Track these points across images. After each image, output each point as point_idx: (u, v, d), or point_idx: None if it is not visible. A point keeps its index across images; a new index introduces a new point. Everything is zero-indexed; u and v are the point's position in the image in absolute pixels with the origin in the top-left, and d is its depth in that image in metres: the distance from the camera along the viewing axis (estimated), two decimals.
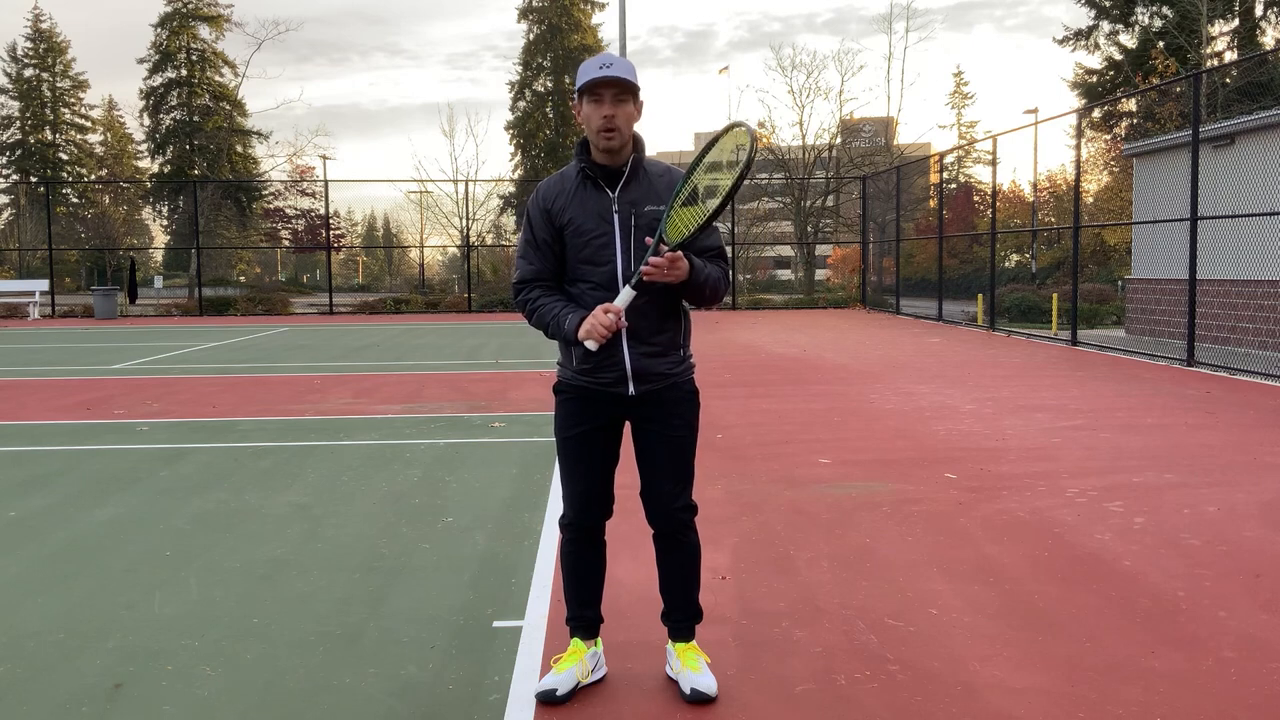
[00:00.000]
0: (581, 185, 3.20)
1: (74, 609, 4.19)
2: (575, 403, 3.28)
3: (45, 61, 57.28)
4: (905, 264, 27.33)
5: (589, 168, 3.19)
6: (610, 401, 3.25)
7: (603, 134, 3.10)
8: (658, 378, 3.24)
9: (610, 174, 3.19)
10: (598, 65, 3.10)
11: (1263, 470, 6.59)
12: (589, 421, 3.27)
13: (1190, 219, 12.75)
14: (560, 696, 3.24)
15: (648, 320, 3.20)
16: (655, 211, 3.17)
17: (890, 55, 60.06)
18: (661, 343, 3.24)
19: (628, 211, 3.17)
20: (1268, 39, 35.23)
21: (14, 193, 55.89)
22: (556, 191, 3.23)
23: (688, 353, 3.36)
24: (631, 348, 3.19)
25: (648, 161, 3.25)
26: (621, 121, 3.10)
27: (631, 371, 3.20)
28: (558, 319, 3.16)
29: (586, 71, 3.11)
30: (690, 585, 3.40)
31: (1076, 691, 3.31)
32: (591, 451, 3.28)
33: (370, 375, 12.65)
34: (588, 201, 3.18)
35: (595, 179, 3.19)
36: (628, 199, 3.18)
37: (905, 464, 6.85)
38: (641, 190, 3.20)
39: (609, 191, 3.19)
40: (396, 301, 30.00)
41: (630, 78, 3.08)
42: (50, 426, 8.88)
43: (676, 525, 3.33)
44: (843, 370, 12.53)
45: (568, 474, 3.32)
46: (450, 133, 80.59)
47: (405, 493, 6.17)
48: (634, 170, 3.20)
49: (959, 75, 66.44)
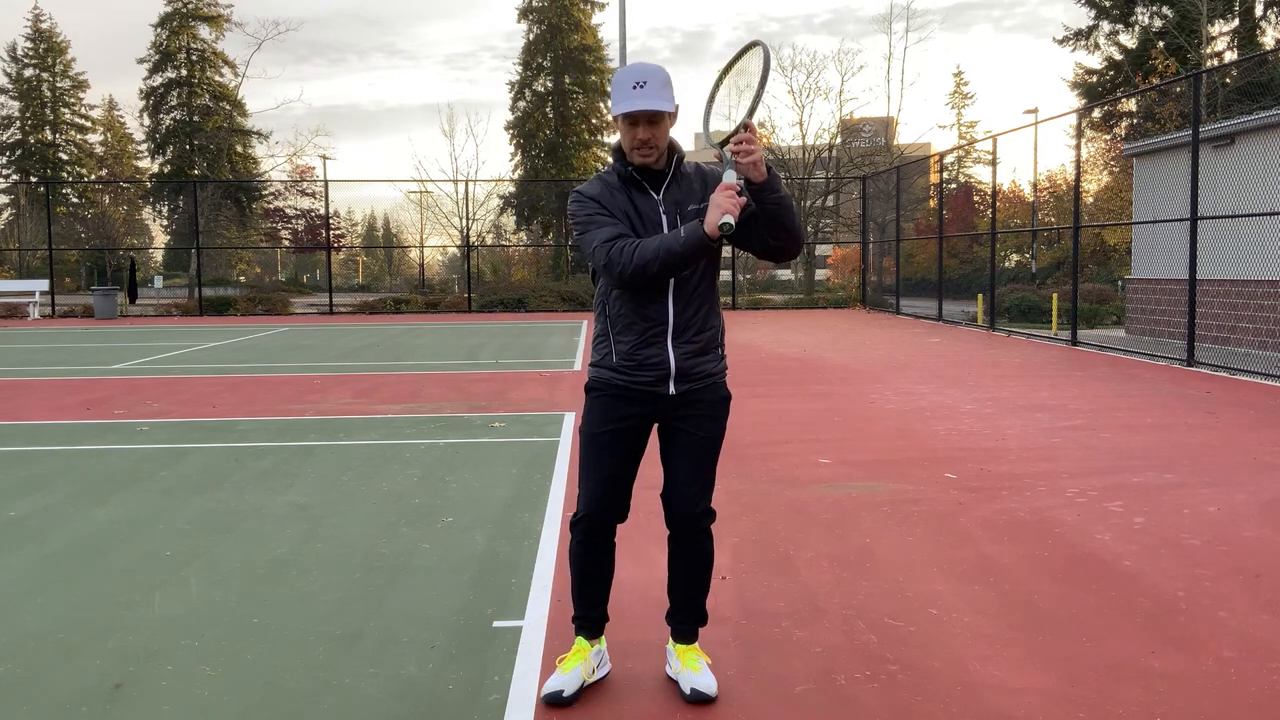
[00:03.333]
0: (627, 186, 3.19)
1: (74, 609, 4.19)
2: (609, 400, 3.25)
3: (45, 61, 57.26)
4: (905, 264, 27.33)
5: (635, 170, 3.17)
6: (647, 401, 3.23)
7: (638, 152, 3.11)
8: (699, 376, 3.23)
9: (653, 175, 3.18)
10: (631, 84, 3.03)
11: (1263, 470, 6.59)
12: (621, 420, 3.24)
13: (1190, 219, 12.75)
14: (567, 698, 3.23)
15: (694, 317, 3.20)
16: (698, 210, 3.16)
17: (890, 55, 60.17)
18: (704, 341, 3.24)
19: (674, 212, 3.18)
20: (1268, 39, 35.23)
21: (14, 193, 55.88)
22: (600, 191, 3.19)
23: (724, 353, 3.36)
24: (676, 345, 3.19)
25: (682, 163, 3.26)
26: (658, 140, 3.10)
27: (675, 370, 3.19)
28: (673, 235, 3.03)
29: (621, 91, 3.05)
30: (700, 590, 3.40)
31: (1076, 691, 3.31)
32: (619, 448, 3.25)
33: (370, 375, 12.65)
34: (635, 202, 3.17)
35: (640, 181, 3.18)
36: (672, 199, 3.19)
37: (905, 464, 6.85)
38: (683, 191, 3.21)
39: (654, 193, 3.19)
40: (396, 301, 29.99)
41: (663, 106, 3.03)
42: (50, 426, 8.88)
43: (696, 529, 3.32)
44: (843, 370, 12.53)
45: (592, 468, 3.27)
46: (450, 133, 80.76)
47: (405, 493, 6.17)
48: (676, 171, 3.21)
49: (959, 75, 66.43)
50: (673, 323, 3.18)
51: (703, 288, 3.22)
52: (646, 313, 3.18)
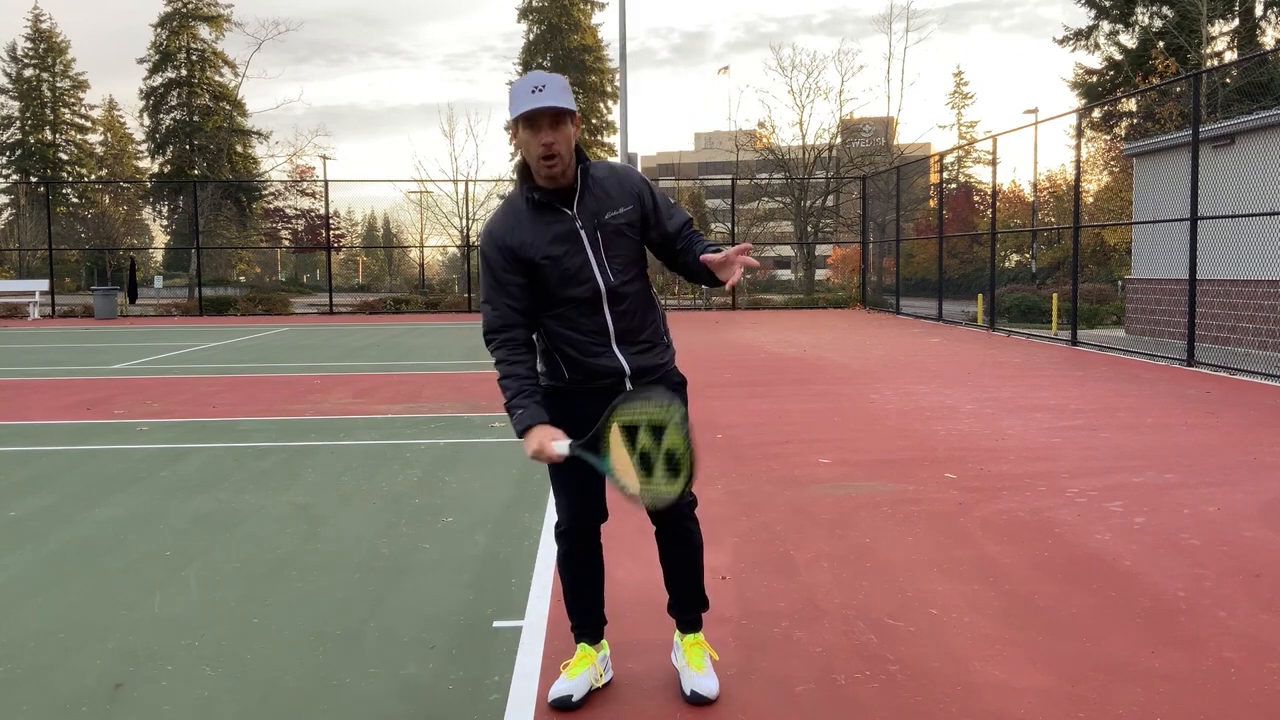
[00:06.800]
0: (537, 212, 3.10)
1: (74, 609, 4.19)
2: (562, 407, 3.19)
3: (45, 61, 57.26)
4: (905, 264, 27.32)
5: (540, 195, 3.09)
6: (601, 400, 3.22)
7: (543, 162, 3.00)
8: (653, 370, 3.22)
9: (563, 193, 3.10)
10: (529, 89, 2.97)
11: (1263, 470, 6.59)
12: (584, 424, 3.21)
13: (1190, 219, 12.75)
14: (576, 702, 3.22)
15: (634, 319, 3.18)
16: (616, 215, 3.12)
17: (890, 55, 60.20)
18: (648, 337, 3.23)
19: (591, 225, 3.11)
20: (1268, 39, 35.23)
21: (14, 193, 55.88)
22: (511, 226, 3.10)
23: (669, 339, 3.35)
24: (623, 350, 3.17)
25: (591, 166, 3.17)
26: (562, 146, 3.00)
27: (629, 371, 3.17)
28: (510, 406, 3.09)
29: (519, 97, 2.98)
30: (695, 576, 3.40)
31: (1076, 691, 3.31)
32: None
33: (370, 375, 12.65)
34: (550, 227, 3.09)
35: (550, 203, 3.10)
36: (588, 212, 3.11)
37: (905, 464, 6.85)
38: (596, 199, 3.12)
39: (566, 210, 3.11)
40: (396, 301, 30.00)
41: (564, 104, 2.97)
42: (50, 426, 8.88)
43: (680, 519, 3.32)
44: (843, 370, 12.53)
45: (561, 483, 3.26)
46: (450, 133, 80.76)
47: (405, 493, 6.16)
48: (584, 182, 3.12)
49: (959, 75, 66.49)
50: (614, 330, 3.14)
51: (637, 289, 3.18)
52: (586, 325, 3.14)
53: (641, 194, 3.18)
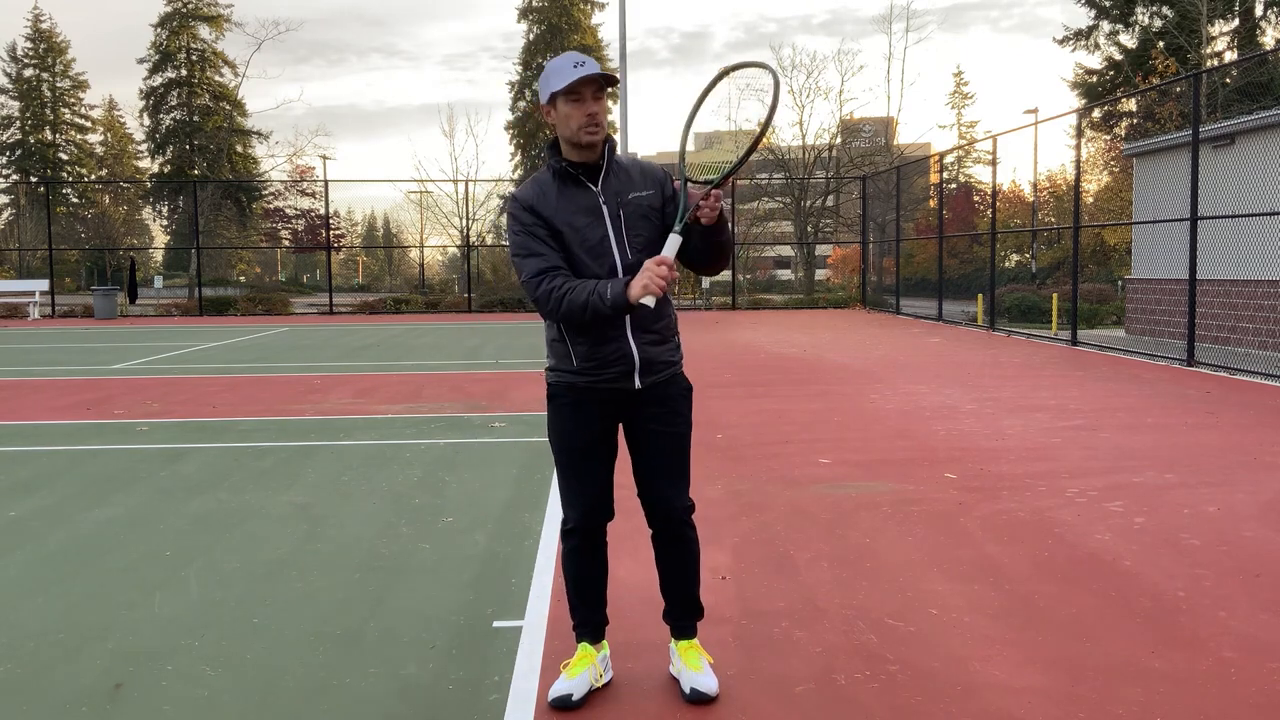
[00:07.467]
0: (563, 184, 3.18)
1: (74, 609, 4.19)
2: (574, 408, 3.24)
3: (45, 61, 57.23)
4: (905, 264, 27.32)
5: (570, 165, 3.17)
6: (611, 401, 3.24)
7: (585, 130, 3.08)
8: (662, 366, 3.24)
9: (589, 169, 3.18)
10: (572, 64, 3.07)
11: (1263, 470, 6.59)
12: (595, 426, 3.24)
13: (1190, 219, 12.75)
14: (576, 702, 3.22)
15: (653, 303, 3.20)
16: (639, 198, 3.18)
17: (890, 55, 60.18)
18: (662, 329, 3.25)
19: (614, 203, 3.17)
20: (1268, 39, 35.23)
21: (14, 193, 55.86)
22: (538, 194, 3.17)
23: (679, 340, 3.37)
24: (637, 336, 3.18)
25: (616, 151, 3.28)
26: (603, 117, 3.11)
27: (639, 363, 3.19)
28: (598, 292, 3.01)
29: (561, 71, 3.06)
30: (691, 582, 3.40)
31: (1076, 691, 3.31)
32: (596, 458, 3.26)
33: (370, 375, 12.65)
34: (575, 199, 3.16)
35: (576, 176, 3.17)
36: (611, 190, 3.18)
37: (905, 464, 6.85)
38: (620, 181, 3.20)
39: (591, 186, 3.18)
40: (396, 301, 30.00)
41: (609, 73, 3.10)
42: (50, 426, 8.88)
43: (678, 524, 3.33)
44: (843, 370, 12.53)
45: (574, 483, 3.28)
46: (450, 133, 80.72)
47: (405, 493, 6.17)
48: (610, 162, 3.21)
49: (959, 75, 66.48)
50: (631, 315, 3.16)
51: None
52: None
53: (663, 182, 3.27)
